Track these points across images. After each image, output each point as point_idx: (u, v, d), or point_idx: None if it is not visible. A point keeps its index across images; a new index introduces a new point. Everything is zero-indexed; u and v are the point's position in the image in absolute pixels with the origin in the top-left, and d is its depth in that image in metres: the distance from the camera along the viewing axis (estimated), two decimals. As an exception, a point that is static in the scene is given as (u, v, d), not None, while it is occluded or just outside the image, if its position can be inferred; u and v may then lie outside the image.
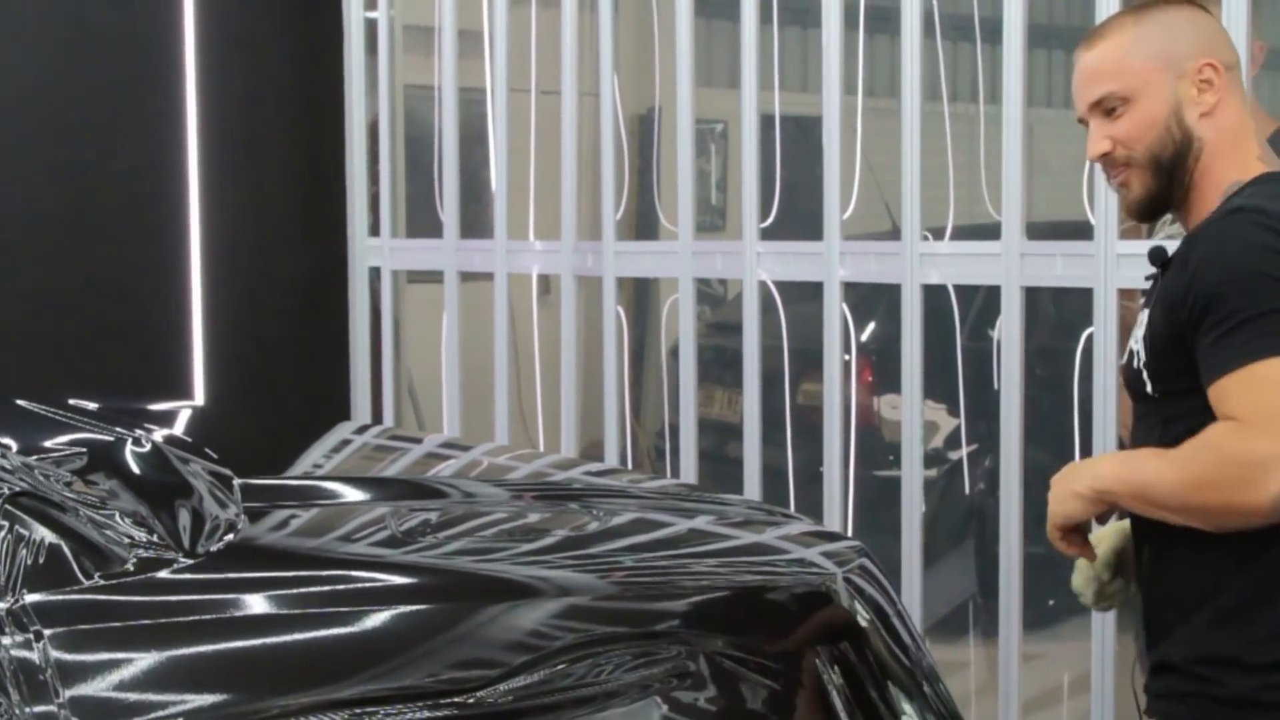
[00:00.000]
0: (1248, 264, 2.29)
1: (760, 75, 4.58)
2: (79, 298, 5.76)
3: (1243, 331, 2.26)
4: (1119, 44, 2.46)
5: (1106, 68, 2.46)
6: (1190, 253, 2.37)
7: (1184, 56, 2.44)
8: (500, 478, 3.05)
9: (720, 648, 2.22)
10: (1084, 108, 2.50)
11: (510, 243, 5.48)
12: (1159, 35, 2.46)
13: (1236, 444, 2.25)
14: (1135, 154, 2.45)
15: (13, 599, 1.84)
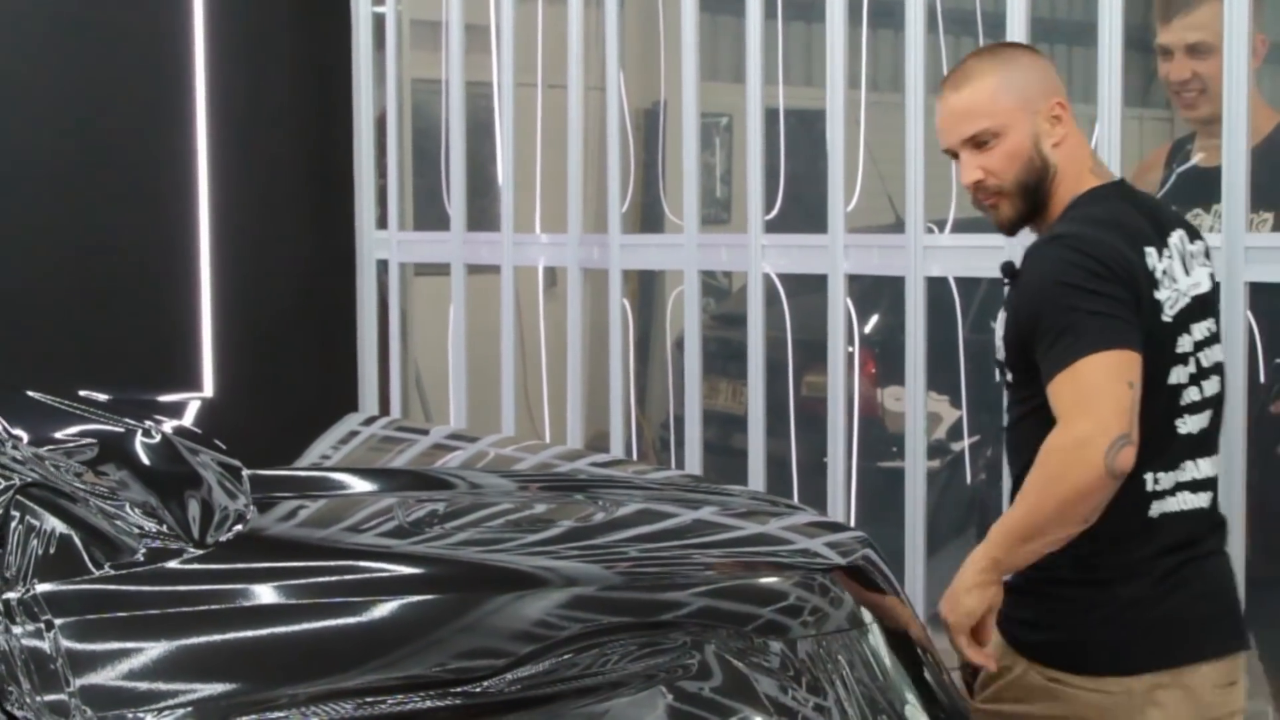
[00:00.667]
0: (1057, 285, 2.68)
1: (765, 69, 4.60)
2: (89, 290, 5.78)
3: (1060, 340, 2.65)
4: (986, 86, 2.83)
5: (978, 108, 2.82)
6: (1024, 271, 2.78)
7: (1039, 96, 2.84)
8: (507, 469, 3.05)
9: (725, 638, 2.23)
10: (955, 142, 2.86)
11: (516, 236, 5.49)
12: (1019, 79, 2.84)
13: (1060, 439, 2.62)
14: (1005, 182, 2.83)
15: (24, 588, 1.85)
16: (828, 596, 2.40)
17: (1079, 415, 2.61)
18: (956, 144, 2.87)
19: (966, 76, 2.86)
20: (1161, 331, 2.75)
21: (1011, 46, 3.08)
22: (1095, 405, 2.60)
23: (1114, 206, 2.84)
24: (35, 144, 5.71)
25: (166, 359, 5.94)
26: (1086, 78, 3.91)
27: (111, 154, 5.83)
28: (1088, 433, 2.59)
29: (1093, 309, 2.65)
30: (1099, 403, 2.60)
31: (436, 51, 5.82)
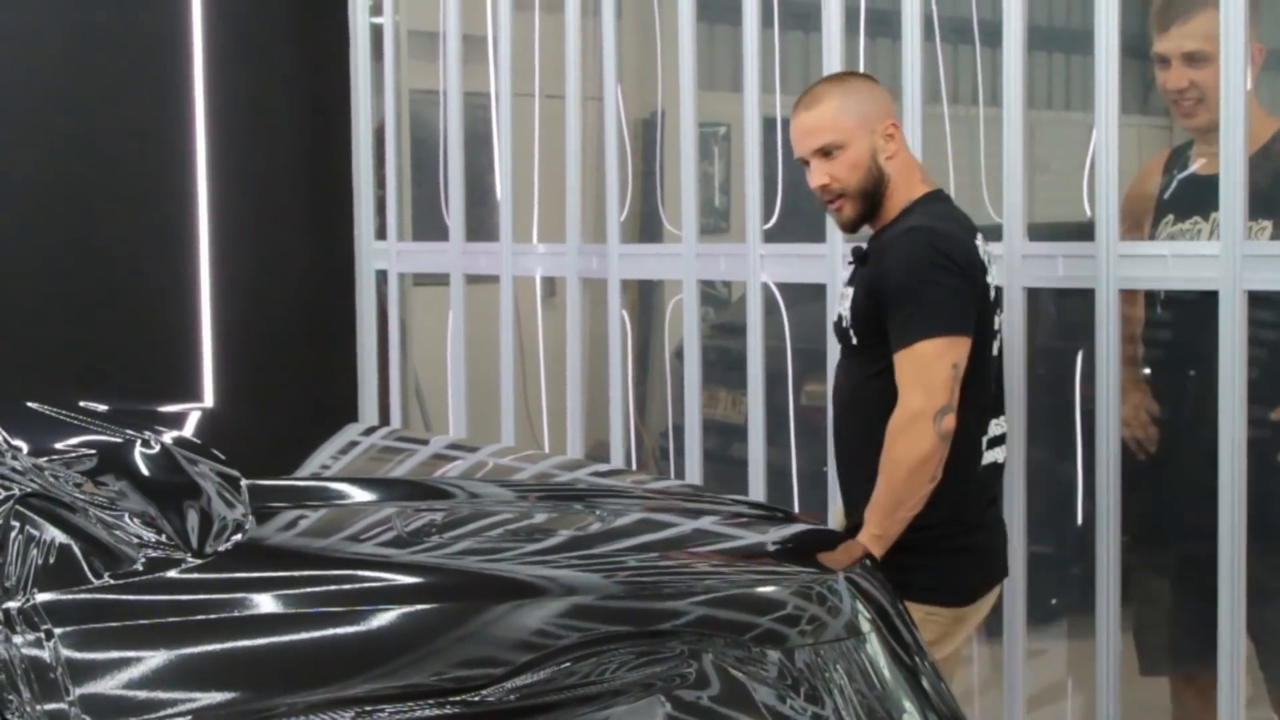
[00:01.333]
0: (917, 269, 3.29)
1: (762, 78, 4.60)
2: (89, 301, 5.78)
3: (909, 320, 3.28)
4: (833, 107, 3.43)
5: (826, 124, 3.43)
6: (883, 256, 3.37)
7: (875, 118, 3.44)
8: (506, 478, 3.05)
9: (723, 647, 2.23)
10: (806, 152, 3.46)
11: (515, 246, 5.50)
12: (860, 102, 3.45)
13: (900, 418, 3.27)
14: (848, 187, 3.44)
15: (24, 598, 1.86)
16: (825, 605, 2.40)
17: (912, 390, 3.26)
18: (807, 154, 3.46)
19: (816, 99, 3.46)
20: (988, 311, 3.42)
21: (855, 75, 3.68)
22: (925, 381, 3.26)
23: (949, 206, 3.53)
24: (34, 156, 5.72)
25: (167, 369, 5.95)
26: (1084, 86, 3.92)
27: (110, 164, 5.83)
28: (919, 407, 3.25)
29: (937, 296, 3.28)
30: (928, 379, 3.26)
31: (434, 62, 5.83)
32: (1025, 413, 3.94)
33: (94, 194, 5.82)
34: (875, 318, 3.36)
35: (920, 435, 3.25)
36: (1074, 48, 6.02)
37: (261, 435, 3.67)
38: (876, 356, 3.37)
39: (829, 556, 2.58)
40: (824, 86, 3.52)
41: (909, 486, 3.29)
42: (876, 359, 3.37)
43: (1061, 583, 4.64)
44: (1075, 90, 6.72)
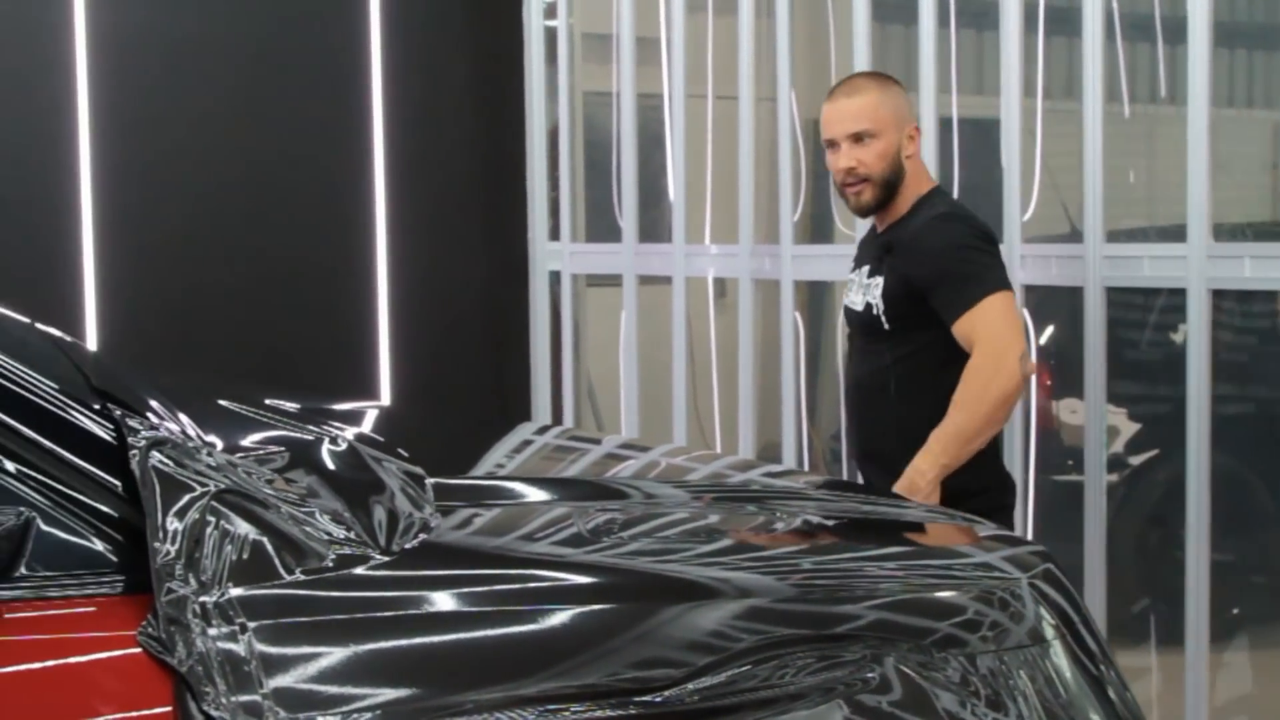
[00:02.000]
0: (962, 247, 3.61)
1: (938, 78, 4.56)
2: (271, 302, 5.89)
3: (966, 286, 3.55)
4: (873, 99, 3.72)
5: (866, 113, 3.70)
6: (917, 244, 3.65)
7: (904, 120, 3.75)
8: (680, 479, 3.05)
9: (904, 652, 2.21)
10: (841, 134, 3.71)
11: (687, 247, 5.51)
12: (894, 101, 3.75)
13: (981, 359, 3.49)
14: (873, 174, 3.70)
15: (219, 592, 1.89)
16: (1008, 611, 2.37)
17: (992, 338, 3.50)
18: (841, 136, 3.72)
19: (858, 89, 3.76)
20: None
21: (890, 78, 3.87)
22: (1003, 329, 3.51)
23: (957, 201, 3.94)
24: (218, 162, 5.84)
25: (344, 368, 6.04)
26: (1266, 82, 3.83)
27: (291, 169, 5.93)
28: (1003, 348, 3.49)
29: (987, 263, 3.60)
30: (1005, 327, 3.52)
31: (608, 64, 5.85)
32: (1209, 417, 3.86)
33: (276, 198, 5.92)
34: (912, 301, 3.62)
35: (1009, 372, 3.48)
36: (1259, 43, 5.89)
37: (436, 434, 3.70)
38: (907, 339, 3.65)
39: (1011, 561, 2.54)
40: (864, 80, 3.83)
41: (991, 420, 3.53)
42: (907, 341, 3.65)
43: (1243, 592, 4.54)
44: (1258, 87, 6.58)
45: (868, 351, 3.76)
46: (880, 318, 3.67)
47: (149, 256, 5.74)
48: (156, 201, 5.76)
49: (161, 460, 1.98)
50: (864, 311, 3.73)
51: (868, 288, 3.73)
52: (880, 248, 3.73)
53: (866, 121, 3.69)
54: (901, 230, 3.71)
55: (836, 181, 3.78)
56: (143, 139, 5.73)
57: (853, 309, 3.80)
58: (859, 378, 3.80)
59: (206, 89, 5.82)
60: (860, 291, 3.77)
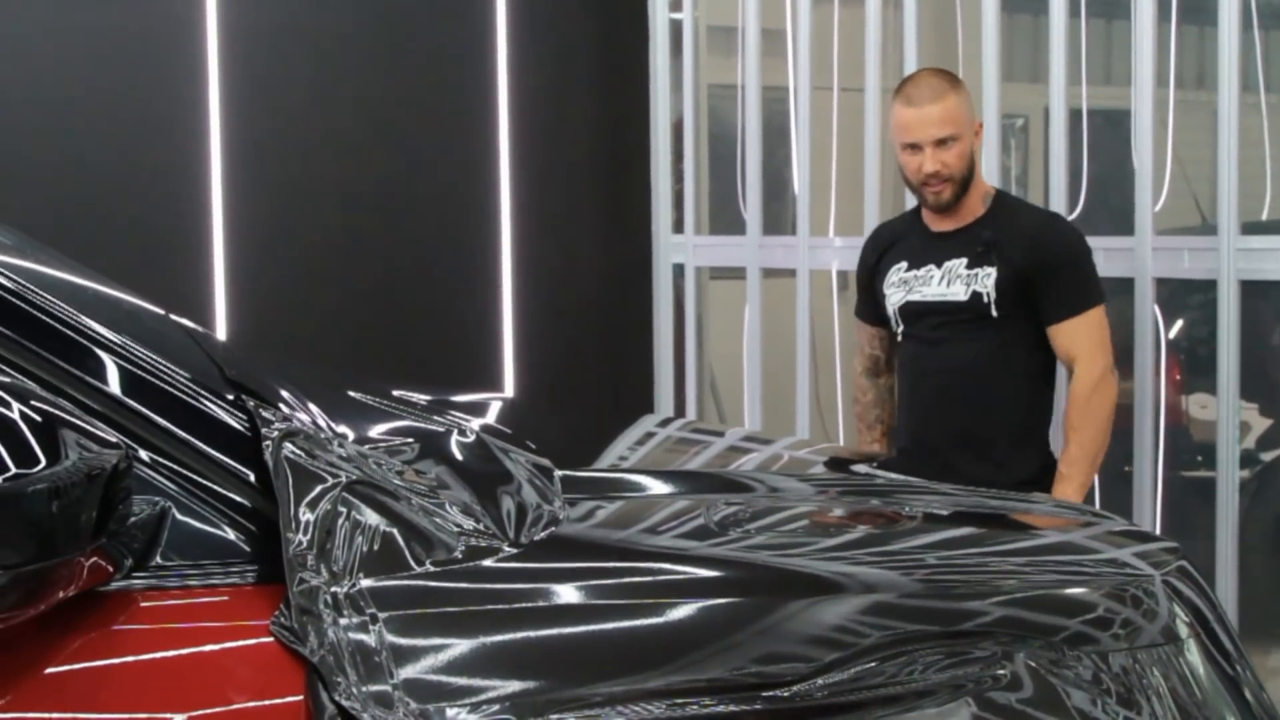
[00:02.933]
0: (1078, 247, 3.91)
1: (1068, 69, 4.51)
2: (398, 294, 5.95)
3: (1083, 288, 3.86)
4: (954, 103, 3.88)
5: (950, 118, 3.86)
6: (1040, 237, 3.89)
7: (972, 118, 3.94)
8: (803, 472, 3.04)
9: (1035, 649, 2.18)
10: (928, 139, 3.86)
11: (812, 239, 5.49)
12: (966, 102, 3.92)
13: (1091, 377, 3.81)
14: (955, 174, 3.89)
15: (350, 583, 1.90)
16: (1140, 608, 2.33)
17: (1096, 352, 3.82)
18: (926, 141, 3.86)
19: (940, 93, 3.87)
20: None
21: (952, 75, 4.00)
22: (1102, 342, 3.84)
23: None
24: (346, 157, 5.90)
25: (470, 360, 6.08)
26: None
27: (417, 162, 5.98)
28: (1105, 364, 3.83)
29: (1093, 269, 3.91)
30: (1103, 340, 3.85)
31: (732, 56, 5.84)
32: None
33: (403, 191, 5.97)
34: (1024, 292, 3.84)
35: (1111, 389, 3.83)
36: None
37: (560, 425, 3.71)
38: (1013, 326, 3.88)
39: (1144, 557, 2.50)
40: (940, 81, 3.92)
41: (1106, 436, 3.84)
42: (1012, 328, 3.88)
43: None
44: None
45: (962, 339, 3.94)
46: (991, 306, 3.86)
47: (279, 253, 5.82)
48: (286, 201, 5.83)
49: (294, 451, 1.99)
50: (969, 301, 3.89)
51: (970, 278, 3.89)
52: (981, 242, 3.89)
53: (951, 126, 3.85)
54: (1005, 225, 3.91)
55: (915, 181, 3.93)
56: (273, 134, 5.80)
57: (930, 300, 3.97)
58: (957, 365, 3.95)
59: (336, 85, 5.88)
60: (952, 282, 3.92)
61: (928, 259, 3.97)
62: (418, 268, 6.00)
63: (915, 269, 3.98)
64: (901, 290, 4.01)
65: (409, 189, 5.98)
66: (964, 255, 3.90)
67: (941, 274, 3.92)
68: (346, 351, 5.80)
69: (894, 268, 4.04)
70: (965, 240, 3.91)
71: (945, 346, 3.94)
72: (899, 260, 4.04)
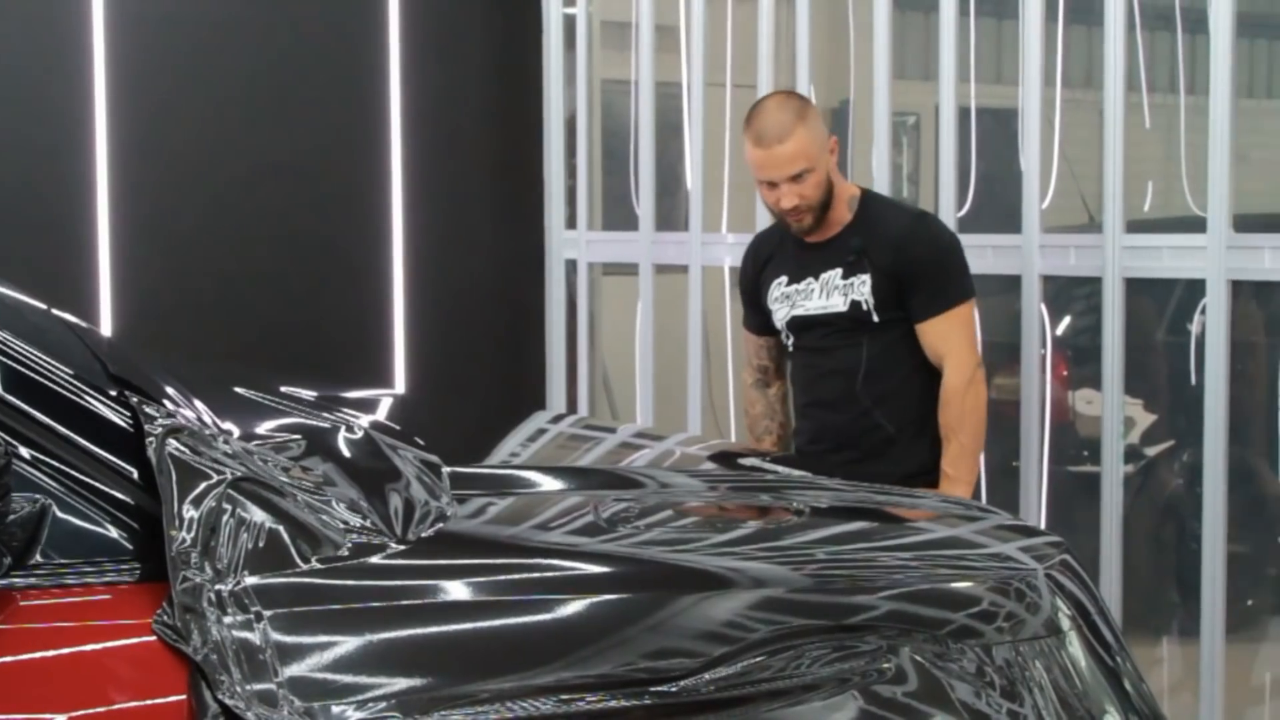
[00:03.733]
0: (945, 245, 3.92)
1: (958, 67, 4.55)
2: (285, 290, 5.89)
3: (949, 285, 3.86)
4: (802, 139, 3.83)
5: (799, 154, 3.83)
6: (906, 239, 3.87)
7: (825, 139, 3.90)
8: (694, 468, 3.05)
9: (919, 643, 2.21)
10: (781, 177, 3.84)
11: (704, 235, 5.50)
12: (817, 129, 3.89)
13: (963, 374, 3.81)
14: (814, 203, 3.88)
15: (234, 581, 1.89)
16: (1024, 602, 2.37)
17: (964, 348, 3.84)
18: (780, 179, 3.85)
19: (785, 130, 3.83)
20: None
21: (797, 98, 4.02)
22: (970, 339, 3.87)
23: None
24: (235, 150, 5.84)
25: (359, 356, 6.04)
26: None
27: (307, 156, 5.94)
28: (975, 361, 3.85)
29: (962, 265, 3.91)
30: (971, 337, 3.88)
31: (626, 52, 5.84)
32: (1226, 408, 3.85)
33: (292, 185, 5.92)
34: (898, 294, 3.86)
35: (982, 386, 3.86)
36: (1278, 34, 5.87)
37: (451, 422, 3.70)
38: (896, 326, 3.88)
39: (1026, 551, 2.53)
40: (784, 117, 3.87)
41: (983, 431, 3.88)
42: (896, 327, 3.88)
43: (1258, 584, 4.53)
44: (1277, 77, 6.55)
45: (850, 347, 3.94)
46: (871, 311, 3.88)
47: (164, 245, 5.75)
48: (172, 191, 5.77)
49: (178, 448, 1.98)
50: (849, 311, 3.90)
51: (848, 287, 3.92)
52: (850, 251, 3.90)
53: (801, 161, 3.83)
54: (871, 231, 3.92)
55: (774, 211, 3.94)
56: (160, 127, 5.74)
57: (813, 314, 3.97)
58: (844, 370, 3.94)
59: (224, 77, 5.82)
60: (830, 294, 3.94)
61: (805, 272, 3.99)
62: (308, 262, 5.95)
63: (795, 283, 4.01)
64: (785, 305, 4.02)
65: (300, 183, 5.93)
66: (838, 265, 3.92)
67: (820, 286, 3.96)
68: (235, 346, 5.74)
69: (775, 282, 4.06)
70: (837, 250, 3.93)
71: (835, 353, 3.95)
72: (779, 275, 4.05)
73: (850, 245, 3.90)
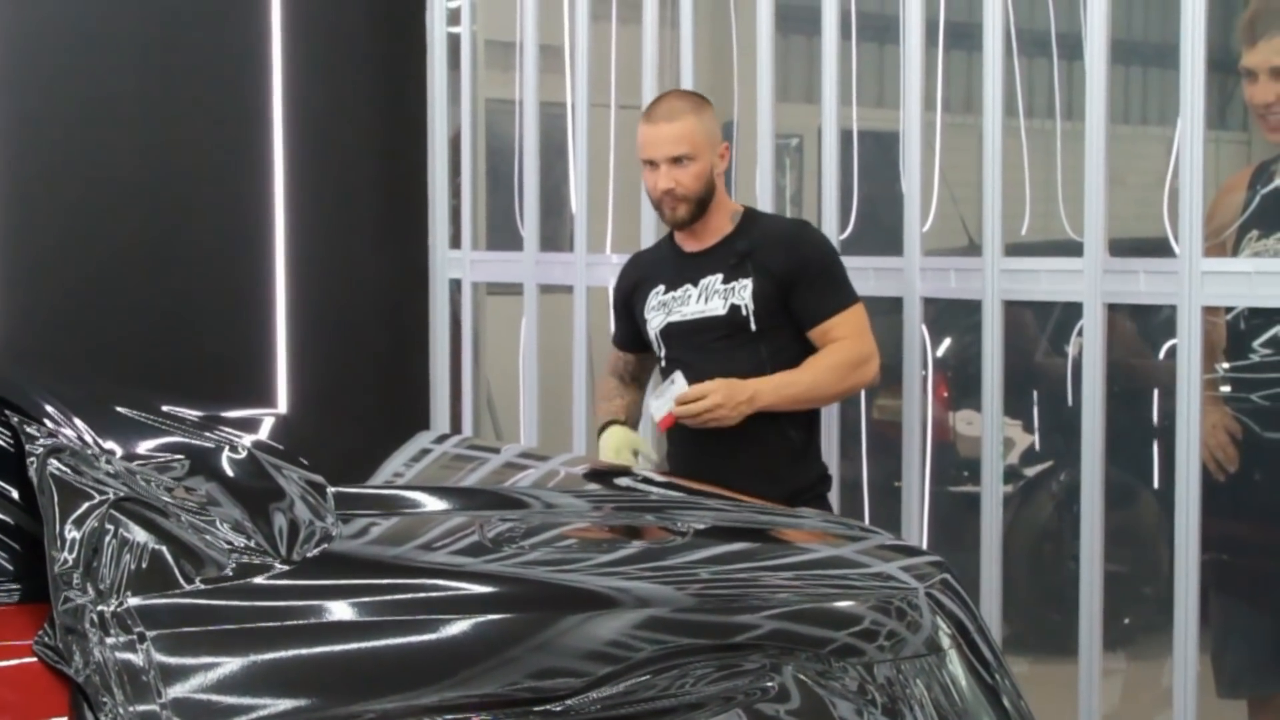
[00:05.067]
0: (830, 252, 4.01)
1: (840, 90, 4.60)
2: (166, 307, 5.83)
3: (840, 288, 3.92)
4: (691, 123, 3.92)
5: (685, 137, 3.91)
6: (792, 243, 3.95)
7: (716, 140, 3.98)
8: (579, 488, 3.05)
9: (802, 661, 2.23)
10: (661, 157, 3.92)
11: (589, 256, 5.51)
12: (709, 125, 3.97)
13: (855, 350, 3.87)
14: (690, 194, 3.94)
15: (117, 601, 1.88)
16: (905, 621, 2.39)
17: (863, 338, 3.88)
18: (661, 158, 3.92)
19: (677, 113, 3.94)
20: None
21: (702, 98, 4.09)
22: (870, 337, 3.91)
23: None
24: (114, 166, 5.78)
25: (241, 375, 5.99)
26: (1165, 99, 3.89)
27: (187, 171, 5.89)
28: (872, 349, 3.90)
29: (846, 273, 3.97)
30: (869, 334, 3.90)
31: (511, 71, 5.85)
32: (1103, 429, 3.91)
33: (173, 200, 5.87)
34: (782, 301, 3.89)
35: (869, 369, 3.89)
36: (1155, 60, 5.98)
37: (334, 442, 3.68)
38: (775, 339, 3.90)
39: (907, 571, 2.56)
40: (682, 103, 4.00)
41: (826, 397, 3.96)
42: (774, 340, 3.90)
43: (1135, 602, 4.61)
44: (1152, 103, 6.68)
45: (723, 357, 3.91)
46: (750, 318, 3.89)
47: (41, 259, 5.68)
48: (52, 206, 5.69)
49: (60, 467, 1.96)
50: (728, 315, 3.91)
51: (728, 292, 3.93)
52: (734, 254, 3.93)
53: (686, 146, 3.90)
54: (756, 235, 3.96)
55: (653, 197, 4.00)
56: (40, 141, 5.66)
57: (691, 319, 3.97)
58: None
59: (103, 91, 5.76)
60: (710, 299, 3.96)
61: (684, 279, 4.01)
62: (189, 279, 5.89)
63: (673, 290, 4.02)
64: (661, 313, 4.03)
65: (180, 200, 5.88)
66: (719, 270, 3.95)
67: (699, 291, 3.98)
68: (114, 365, 5.67)
69: (652, 292, 4.07)
70: (719, 256, 3.96)
71: (709, 365, 3.91)
72: (656, 284, 4.07)
73: (735, 248, 3.94)
